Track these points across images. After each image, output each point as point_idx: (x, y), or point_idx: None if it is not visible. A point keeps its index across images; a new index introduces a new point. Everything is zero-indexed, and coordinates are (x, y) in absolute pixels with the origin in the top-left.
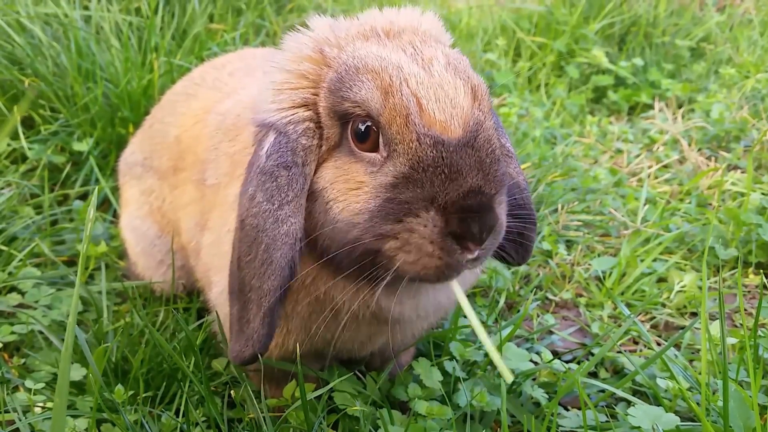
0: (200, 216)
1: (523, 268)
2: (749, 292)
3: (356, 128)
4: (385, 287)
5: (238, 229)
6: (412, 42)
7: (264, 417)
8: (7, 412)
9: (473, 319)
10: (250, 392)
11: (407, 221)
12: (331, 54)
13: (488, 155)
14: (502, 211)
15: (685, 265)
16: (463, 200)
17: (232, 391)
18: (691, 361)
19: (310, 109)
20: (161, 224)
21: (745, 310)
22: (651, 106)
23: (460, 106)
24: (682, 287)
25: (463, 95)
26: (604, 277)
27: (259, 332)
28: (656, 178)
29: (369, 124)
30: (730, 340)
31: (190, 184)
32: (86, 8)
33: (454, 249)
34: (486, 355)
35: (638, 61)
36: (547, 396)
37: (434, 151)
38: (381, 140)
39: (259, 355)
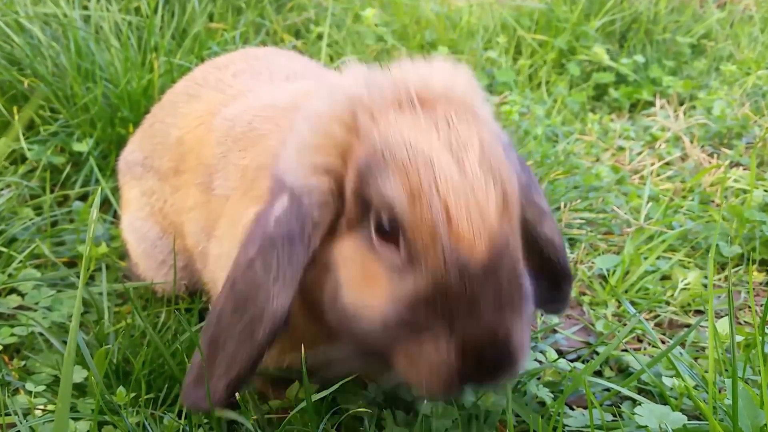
0: (206, 221)
1: None
2: (753, 289)
3: (379, 220)
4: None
5: (228, 287)
6: (447, 115)
7: (268, 419)
8: (7, 414)
9: None
10: (253, 394)
11: (422, 339)
12: (364, 124)
13: (511, 281)
14: (524, 333)
15: (689, 262)
16: (482, 343)
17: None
18: (696, 359)
19: (331, 177)
20: (163, 225)
21: (750, 307)
22: (652, 104)
23: (490, 221)
24: (686, 285)
25: (494, 205)
26: (607, 275)
27: (220, 395)
28: (658, 175)
29: (392, 219)
30: (737, 338)
31: (193, 187)
32: (85, 8)
33: (461, 387)
34: None
35: (639, 58)
36: (552, 395)
37: (458, 278)
38: (402, 243)
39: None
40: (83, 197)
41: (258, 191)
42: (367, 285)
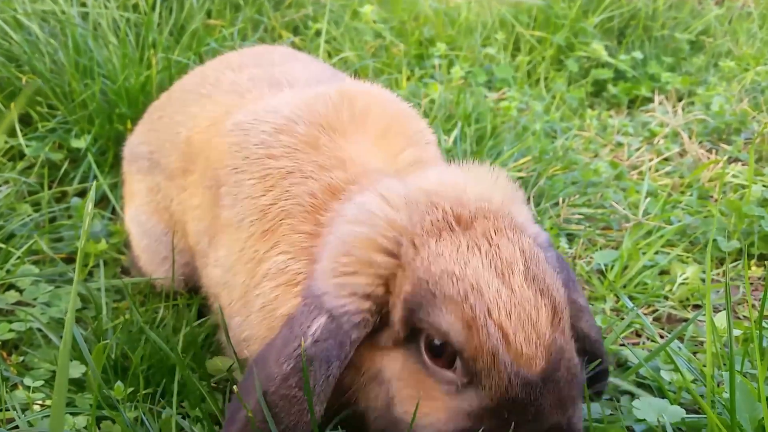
0: (209, 225)
1: None
2: (752, 284)
3: (431, 343)
4: None
5: (258, 395)
6: (487, 233)
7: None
8: (6, 410)
9: None
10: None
11: None
12: (406, 254)
13: (568, 385)
14: (580, 419)
15: (687, 257)
16: None
17: (234, 387)
18: (694, 353)
19: (371, 301)
20: (167, 222)
21: (748, 302)
22: (651, 99)
23: (543, 333)
24: (685, 279)
25: (545, 317)
26: (606, 270)
27: None
28: (657, 170)
29: (447, 344)
30: (735, 332)
31: (201, 188)
32: (83, 5)
33: None
34: None
35: (638, 55)
36: None
37: (523, 393)
38: (460, 366)
39: None
40: (81, 193)
41: (280, 237)
42: (424, 400)
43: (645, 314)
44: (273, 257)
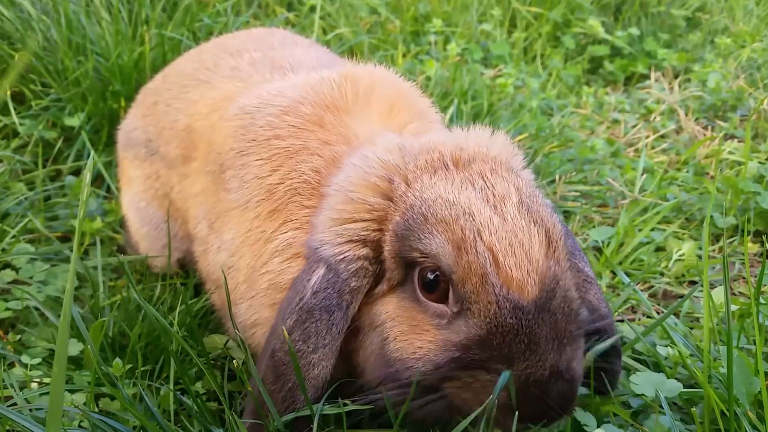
0: (211, 210)
1: None
2: (747, 260)
3: (424, 276)
4: None
5: (267, 356)
6: (482, 173)
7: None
8: (4, 388)
9: None
10: (251, 363)
11: (478, 374)
12: (398, 190)
13: (566, 315)
14: (580, 363)
15: (684, 234)
16: (542, 383)
17: (234, 361)
18: (690, 329)
19: (367, 246)
20: (167, 209)
21: (744, 278)
22: (647, 76)
23: (536, 259)
24: (681, 256)
25: (538, 245)
26: (602, 247)
27: None
28: (653, 148)
29: (438, 274)
30: (732, 308)
31: (203, 174)
32: None
33: (515, 424)
34: None
35: (634, 31)
36: None
37: (513, 318)
38: (451, 294)
39: None
40: (76, 172)
41: (289, 215)
42: (415, 335)
43: (641, 290)
44: (280, 235)
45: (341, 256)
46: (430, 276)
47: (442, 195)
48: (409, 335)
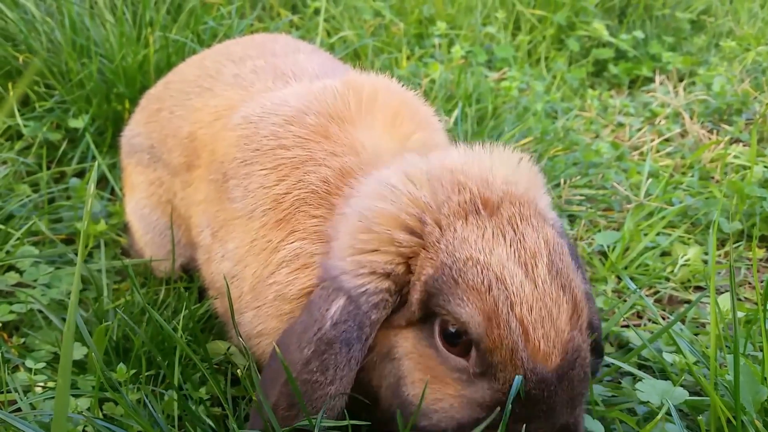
0: (213, 218)
1: None
2: (756, 265)
3: (446, 330)
4: None
5: (281, 383)
6: (512, 219)
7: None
8: (8, 392)
9: None
10: (255, 369)
11: None
12: (432, 235)
13: (581, 383)
14: (582, 418)
15: (689, 238)
16: None
17: (238, 370)
18: (696, 335)
19: (390, 279)
20: (170, 216)
21: (750, 283)
22: (652, 80)
23: (562, 330)
24: (686, 261)
25: (566, 315)
26: (607, 252)
27: None
28: (658, 151)
29: (464, 333)
30: (738, 314)
31: (206, 182)
32: None
33: None
34: None
35: (639, 34)
36: None
37: (537, 390)
38: (475, 355)
39: None
40: (80, 174)
41: (296, 225)
42: (434, 384)
43: (646, 296)
44: (288, 245)
45: (363, 288)
46: (452, 330)
47: (473, 255)
48: (429, 385)
